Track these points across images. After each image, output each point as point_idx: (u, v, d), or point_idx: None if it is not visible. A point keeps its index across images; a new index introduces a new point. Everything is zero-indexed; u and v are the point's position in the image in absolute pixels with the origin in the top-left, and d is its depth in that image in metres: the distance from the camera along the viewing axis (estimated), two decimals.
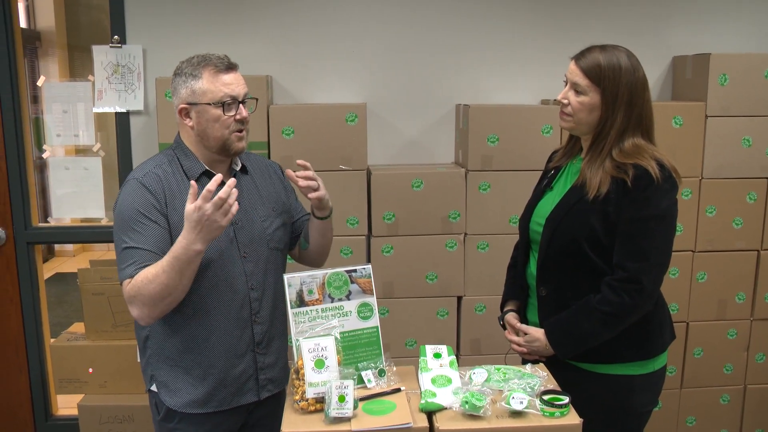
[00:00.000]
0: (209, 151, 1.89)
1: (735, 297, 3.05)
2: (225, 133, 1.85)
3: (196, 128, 1.87)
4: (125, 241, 1.79)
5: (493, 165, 2.87)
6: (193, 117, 1.86)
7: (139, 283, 1.73)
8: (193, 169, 1.89)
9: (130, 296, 1.76)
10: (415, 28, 3.10)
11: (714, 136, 2.93)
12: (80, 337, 3.04)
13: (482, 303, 2.95)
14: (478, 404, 1.59)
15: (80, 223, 3.40)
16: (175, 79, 1.88)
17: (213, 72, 1.83)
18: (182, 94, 1.85)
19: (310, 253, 2.12)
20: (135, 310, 1.78)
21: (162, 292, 1.72)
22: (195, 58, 1.87)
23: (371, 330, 1.84)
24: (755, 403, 3.17)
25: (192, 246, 1.70)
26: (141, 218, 1.80)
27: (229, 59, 1.88)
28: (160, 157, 1.93)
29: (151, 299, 1.73)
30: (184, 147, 1.91)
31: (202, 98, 1.83)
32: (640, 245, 1.82)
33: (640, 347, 1.93)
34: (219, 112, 1.83)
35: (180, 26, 3.02)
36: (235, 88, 1.85)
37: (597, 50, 1.87)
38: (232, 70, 1.87)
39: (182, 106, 1.86)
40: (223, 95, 1.83)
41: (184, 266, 1.71)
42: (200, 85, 1.83)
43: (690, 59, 3.05)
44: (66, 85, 3.15)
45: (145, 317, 1.78)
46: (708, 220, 2.98)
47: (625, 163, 1.83)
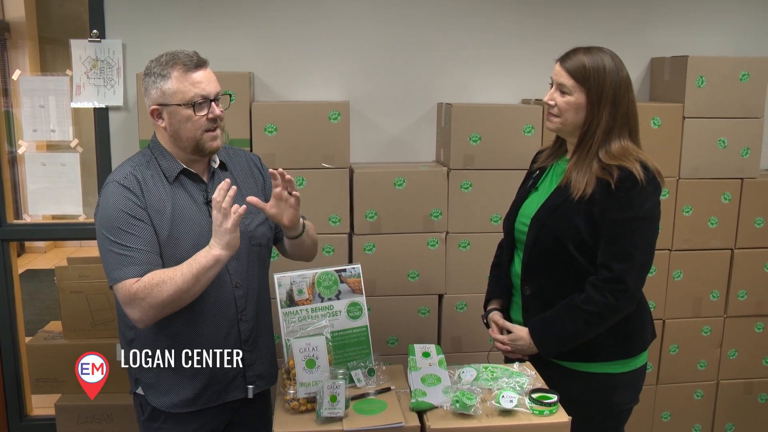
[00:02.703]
0: (183, 151, 1.86)
1: (709, 295, 3.12)
2: (197, 134, 1.81)
3: (168, 129, 1.83)
4: (116, 242, 1.76)
5: (475, 164, 2.89)
6: (165, 118, 1.82)
7: (151, 284, 1.71)
8: (171, 168, 1.86)
9: (136, 297, 1.72)
10: (398, 27, 3.10)
11: (691, 137, 2.98)
12: (58, 335, 2.99)
13: (463, 301, 2.97)
14: (468, 403, 1.61)
15: (56, 220, 3.34)
16: (146, 80, 1.83)
17: (182, 71, 1.78)
18: (153, 95, 1.81)
19: (295, 256, 2.11)
20: (137, 312, 1.74)
21: (174, 295, 1.70)
22: (163, 57, 1.81)
23: (361, 329, 1.85)
24: (727, 398, 3.24)
25: (211, 250, 1.71)
26: (129, 219, 1.77)
27: (198, 56, 1.82)
28: (138, 157, 1.90)
29: (161, 302, 1.71)
30: (160, 147, 1.88)
31: (172, 99, 1.78)
32: (625, 246, 1.85)
33: (623, 346, 1.96)
34: (190, 112, 1.79)
35: (161, 21, 2.98)
36: (206, 86, 1.80)
37: (581, 52, 1.90)
38: (202, 68, 1.81)
39: (153, 107, 1.82)
40: (193, 95, 1.78)
41: (201, 271, 1.70)
42: (169, 86, 1.78)
43: (668, 61, 3.10)
44: (43, 79, 3.09)
45: (147, 320, 1.75)
46: (684, 220, 3.03)
47: (610, 165, 1.86)
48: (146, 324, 1.77)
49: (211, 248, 1.72)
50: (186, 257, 1.76)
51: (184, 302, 1.75)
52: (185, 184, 1.88)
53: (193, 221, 1.85)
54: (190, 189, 1.88)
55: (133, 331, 1.89)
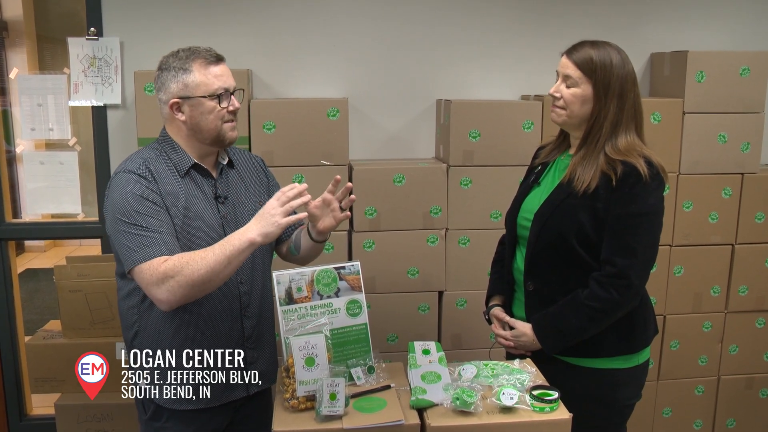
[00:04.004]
0: (202, 143, 1.88)
1: (710, 290, 3.11)
2: (219, 124, 1.85)
3: (189, 122, 1.85)
4: (137, 225, 1.74)
5: (474, 160, 2.88)
6: (185, 111, 1.84)
7: (182, 262, 1.69)
8: (182, 162, 1.88)
9: (166, 276, 1.68)
10: (396, 24, 3.09)
11: (691, 133, 2.97)
12: (57, 335, 2.97)
13: (463, 298, 2.96)
14: (469, 400, 1.60)
15: (55, 219, 3.33)
16: (162, 74, 1.85)
17: (203, 64, 1.83)
18: (173, 89, 1.83)
19: (299, 259, 2.09)
20: (164, 292, 1.69)
21: (206, 275, 1.68)
22: (181, 52, 1.85)
23: (360, 327, 1.84)
24: (728, 394, 3.24)
25: (246, 233, 1.69)
26: (146, 203, 1.77)
27: (216, 51, 1.88)
28: (148, 151, 1.90)
29: (192, 281, 1.68)
30: (171, 141, 1.90)
31: (196, 91, 1.82)
32: (628, 242, 1.85)
33: (625, 342, 1.96)
34: (214, 104, 1.83)
35: (158, 19, 2.96)
36: (227, 79, 1.86)
37: (588, 45, 1.91)
38: (222, 62, 1.88)
39: (174, 101, 1.84)
40: (217, 87, 1.83)
41: (234, 253, 1.68)
42: (192, 78, 1.82)
43: (668, 56, 3.09)
44: (40, 77, 3.08)
45: (173, 301, 1.71)
46: (685, 215, 3.03)
47: (615, 160, 1.86)
48: (172, 306, 1.73)
49: (246, 231, 1.70)
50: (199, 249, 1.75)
51: (213, 285, 1.72)
52: (195, 179, 1.89)
53: (204, 215, 1.87)
54: (200, 183, 1.90)
55: (136, 326, 1.89)
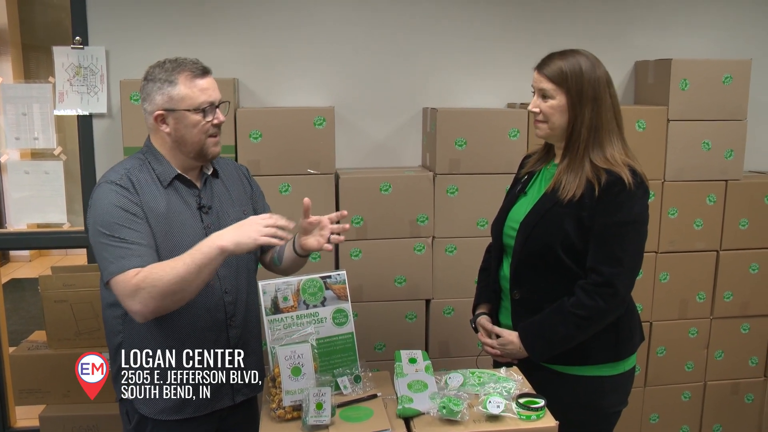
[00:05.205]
0: (186, 156, 1.88)
1: (696, 296, 3.13)
2: (203, 138, 1.85)
3: (173, 134, 1.85)
4: (114, 236, 1.74)
5: (460, 168, 2.89)
6: (170, 123, 1.84)
7: (152, 273, 1.68)
8: (166, 173, 1.87)
9: (138, 288, 1.68)
10: (382, 32, 3.10)
11: (675, 140, 3.00)
12: (42, 345, 2.95)
13: (450, 306, 2.96)
14: (455, 409, 1.60)
15: (40, 229, 3.31)
16: (148, 85, 1.84)
17: (189, 77, 1.82)
18: (158, 101, 1.82)
19: (281, 269, 2.09)
20: (137, 303, 1.69)
21: (176, 285, 1.67)
22: (168, 63, 1.84)
23: (346, 336, 1.84)
24: (714, 399, 3.26)
25: (217, 240, 1.68)
26: (125, 215, 1.76)
27: (203, 63, 1.87)
28: (131, 161, 1.90)
29: (162, 291, 1.67)
30: (155, 151, 1.89)
31: (181, 104, 1.81)
32: (614, 250, 1.86)
33: (612, 349, 1.96)
34: (198, 118, 1.82)
35: (144, 27, 2.96)
36: (212, 93, 1.85)
37: (557, 57, 1.93)
38: (208, 75, 1.87)
39: (159, 113, 1.83)
40: (202, 101, 1.82)
41: (204, 262, 1.67)
42: (178, 91, 1.81)
43: (652, 64, 3.12)
44: (25, 86, 3.06)
45: (147, 312, 1.70)
46: (670, 222, 3.05)
47: (600, 168, 1.87)
48: (146, 317, 1.73)
49: (218, 238, 1.69)
50: None
51: (187, 294, 1.71)
52: (179, 189, 1.89)
53: (187, 225, 1.86)
54: (183, 194, 1.89)
55: (121, 336, 1.88)
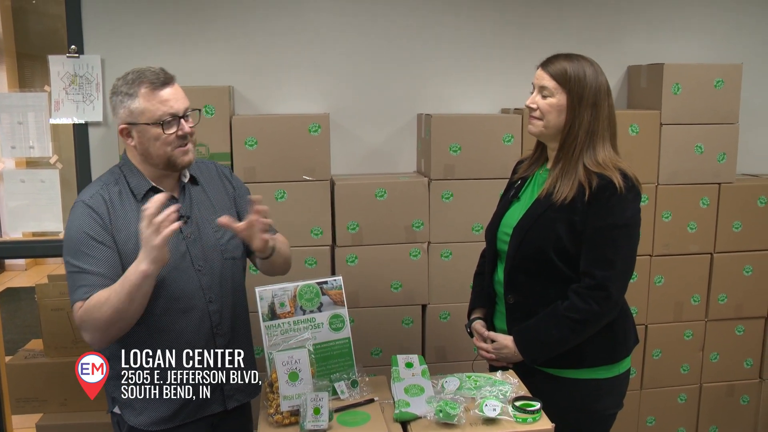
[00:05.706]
0: (155, 168, 1.85)
1: (690, 299, 3.15)
2: (167, 150, 1.80)
3: (138, 147, 1.82)
4: (75, 264, 1.75)
5: (455, 174, 2.90)
6: (134, 136, 1.81)
7: (91, 307, 1.70)
8: (140, 186, 1.85)
9: (81, 320, 1.72)
10: (376, 39, 3.12)
11: (668, 144, 3.02)
12: (39, 354, 2.96)
13: (447, 311, 2.97)
14: (452, 412, 1.61)
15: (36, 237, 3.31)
16: (113, 99, 1.81)
17: (149, 89, 1.76)
18: (121, 115, 1.80)
19: (264, 272, 2.07)
20: (86, 334, 1.74)
21: (113, 316, 1.68)
22: (130, 75, 1.80)
23: (343, 341, 1.85)
24: (710, 401, 3.27)
25: (138, 266, 1.67)
26: (90, 241, 1.76)
27: (166, 73, 1.81)
28: (107, 176, 1.89)
29: (102, 323, 1.69)
30: (130, 165, 1.87)
31: (140, 118, 1.77)
32: (607, 254, 1.87)
33: (606, 352, 1.98)
34: (159, 131, 1.77)
35: (139, 36, 2.96)
36: (174, 104, 1.79)
37: (562, 57, 1.96)
38: (169, 85, 1.80)
39: (122, 126, 1.81)
40: (161, 114, 1.77)
41: (133, 289, 1.67)
42: (137, 105, 1.76)
43: (644, 69, 3.14)
44: (21, 95, 3.06)
45: (96, 342, 1.74)
46: (664, 225, 3.06)
47: (592, 173, 1.89)
48: (101, 346, 1.76)
49: (139, 263, 1.67)
50: (160, 274, 1.74)
51: (128, 320, 1.73)
52: None
53: None
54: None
55: (110, 348, 1.86)
